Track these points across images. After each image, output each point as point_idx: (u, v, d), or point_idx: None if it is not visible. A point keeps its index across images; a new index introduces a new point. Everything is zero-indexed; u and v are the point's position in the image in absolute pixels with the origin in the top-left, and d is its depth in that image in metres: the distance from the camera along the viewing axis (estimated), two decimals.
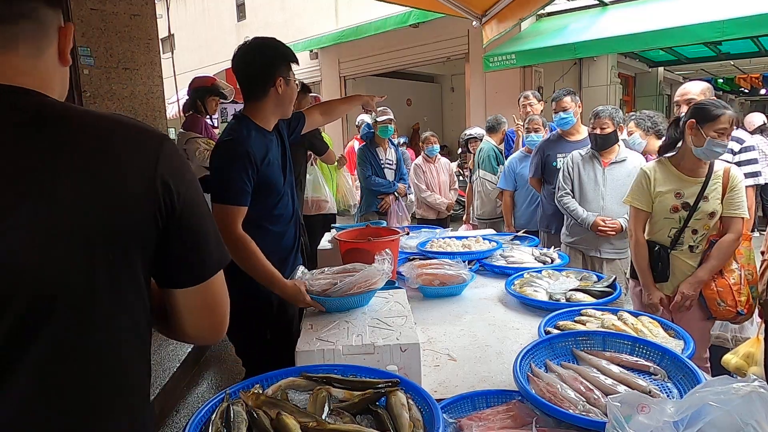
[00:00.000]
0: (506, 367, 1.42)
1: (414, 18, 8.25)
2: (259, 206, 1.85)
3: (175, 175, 0.81)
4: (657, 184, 2.34)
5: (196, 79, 4.77)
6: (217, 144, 1.87)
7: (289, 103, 1.92)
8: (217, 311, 0.90)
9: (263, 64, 1.84)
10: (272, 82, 1.84)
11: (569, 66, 9.64)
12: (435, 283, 2.21)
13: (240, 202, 1.76)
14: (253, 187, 1.79)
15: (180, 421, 2.78)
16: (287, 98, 1.89)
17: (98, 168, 0.74)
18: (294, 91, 1.92)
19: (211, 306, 0.89)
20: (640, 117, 3.66)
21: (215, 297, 0.89)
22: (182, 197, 0.81)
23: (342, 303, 1.65)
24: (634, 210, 2.42)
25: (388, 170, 4.48)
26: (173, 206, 0.80)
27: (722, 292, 2.26)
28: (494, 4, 4.01)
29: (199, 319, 0.89)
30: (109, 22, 4.67)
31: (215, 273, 0.87)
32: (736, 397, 0.88)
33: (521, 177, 3.92)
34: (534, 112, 4.27)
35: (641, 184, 2.39)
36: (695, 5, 6.14)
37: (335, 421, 1.09)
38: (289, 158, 2.04)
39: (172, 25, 7.50)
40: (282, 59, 1.86)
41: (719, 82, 15.04)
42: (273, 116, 1.93)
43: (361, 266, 1.77)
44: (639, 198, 2.39)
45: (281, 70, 1.84)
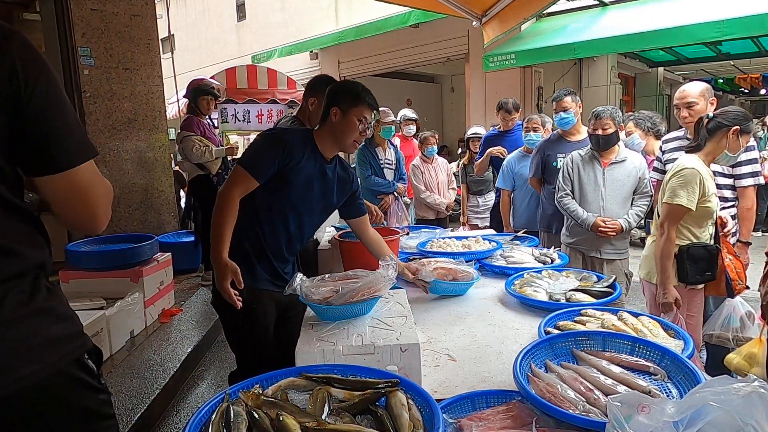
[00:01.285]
0: (506, 368, 1.42)
1: (414, 18, 8.24)
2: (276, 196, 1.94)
3: (26, 66, 0.84)
4: (708, 184, 2.33)
5: (190, 82, 4.83)
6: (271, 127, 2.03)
7: (342, 135, 1.97)
8: (87, 203, 0.95)
9: (329, 92, 2.01)
10: (329, 109, 1.96)
11: (569, 66, 9.64)
12: (448, 278, 2.21)
13: (254, 172, 1.86)
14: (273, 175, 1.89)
15: (180, 421, 2.78)
16: (339, 129, 1.96)
17: None
18: (350, 127, 1.95)
19: (78, 197, 0.94)
20: (639, 117, 3.66)
21: (80, 188, 0.93)
22: (30, 87, 0.84)
23: (344, 311, 1.61)
24: (678, 208, 2.32)
25: (388, 170, 4.47)
26: (19, 95, 0.83)
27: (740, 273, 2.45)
28: (494, 4, 4.00)
29: (67, 208, 0.95)
30: (109, 23, 4.68)
31: (72, 166, 0.91)
32: (736, 397, 0.88)
33: (520, 177, 3.92)
34: (512, 120, 4.40)
35: (693, 183, 2.29)
36: (695, 5, 6.14)
37: (335, 421, 1.09)
38: (325, 192, 2.07)
39: (172, 25, 7.50)
40: (348, 93, 1.97)
41: (719, 82, 15.03)
42: (327, 142, 1.99)
43: (363, 273, 1.75)
44: (690, 197, 2.29)
45: (342, 102, 1.95)
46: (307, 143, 1.96)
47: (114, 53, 4.73)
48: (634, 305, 4.35)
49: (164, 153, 5.20)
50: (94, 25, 4.57)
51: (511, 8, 3.92)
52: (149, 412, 2.62)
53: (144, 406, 2.61)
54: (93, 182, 0.96)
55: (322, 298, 1.63)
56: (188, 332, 3.59)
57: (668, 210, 2.37)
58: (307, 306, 1.69)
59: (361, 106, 1.95)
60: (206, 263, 4.55)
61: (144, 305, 3.50)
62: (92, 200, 0.96)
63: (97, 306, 3.12)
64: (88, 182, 0.95)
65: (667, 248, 2.36)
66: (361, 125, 1.95)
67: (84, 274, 3.36)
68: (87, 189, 0.95)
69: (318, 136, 2.00)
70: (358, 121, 1.94)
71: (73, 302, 1.12)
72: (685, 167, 2.33)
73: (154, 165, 5.11)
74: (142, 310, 3.48)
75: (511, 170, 3.98)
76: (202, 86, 4.70)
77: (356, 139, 1.97)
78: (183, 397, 3.05)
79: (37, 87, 0.86)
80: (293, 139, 1.92)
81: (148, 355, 3.18)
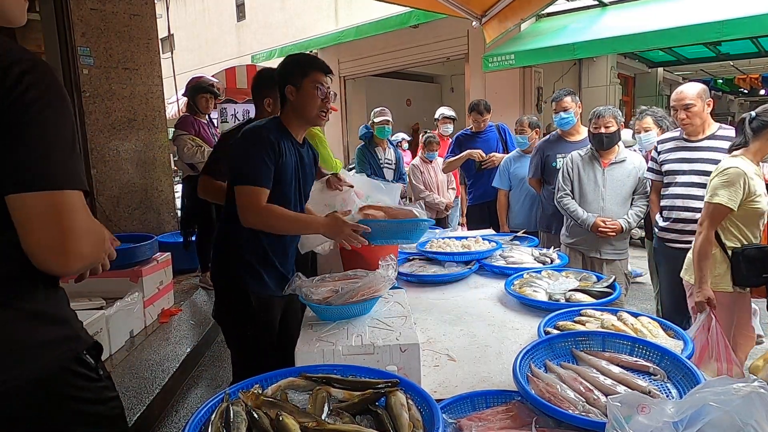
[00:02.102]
0: (506, 368, 1.42)
1: (414, 19, 8.25)
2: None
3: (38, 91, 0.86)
4: (755, 183, 2.29)
5: (190, 80, 4.77)
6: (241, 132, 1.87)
7: (304, 109, 1.91)
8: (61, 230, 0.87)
9: (278, 75, 1.95)
10: (283, 91, 1.91)
11: (569, 66, 9.64)
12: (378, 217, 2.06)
13: (262, 183, 1.79)
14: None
15: (180, 421, 2.78)
16: (300, 105, 1.91)
17: None
18: (310, 97, 1.90)
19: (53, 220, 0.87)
20: (658, 115, 3.62)
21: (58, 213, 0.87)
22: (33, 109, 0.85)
23: (344, 311, 1.61)
24: (718, 207, 2.30)
25: (387, 170, 4.48)
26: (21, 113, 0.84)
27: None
28: (494, 4, 4.00)
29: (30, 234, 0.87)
30: (109, 22, 4.67)
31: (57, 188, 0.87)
32: (736, 397, 0.88)
33: (516, 176, 3.92)
34: (484, 121, 4.36)
35: (737, 183, 2.27)
36: (695, 5, 6.14)
37: (335, 421, 1.09)
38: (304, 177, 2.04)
39: (172, 25, 7.50)
40: (295, 66, 1.91)
41: (719, 82, 15.05)
42: (294, 123, 1.95)
43: (363, 273, 1.75)
44: (732, 196, 2.27)
45: (292, 76, 1.89)
46: (282, 132, 1.91)
47: (114, 53, 4.73)
48: (634, 305, 4.36)
49: (164, 153, 5.20)
50: (94, 24, 4.57)
51: (510, 8, 3.92)
52: (149, 412, 2.62)
53: (143, 406, 2.60)
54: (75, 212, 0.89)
55: (322, 298, 1.63)
56: (188, 332, 3.59)
57: (708, 209, 2.35)
58: (307, 306, 1.69)
59: (313, 73, 1.88)
60: (203, 265, 4.53)
61: (143, 305, 3.50)
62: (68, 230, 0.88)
63: (97, 306, 3.12)
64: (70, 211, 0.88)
65: (704, 248, 2.35)
66: (320, 92, 1.89)
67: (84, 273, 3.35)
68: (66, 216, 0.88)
69: (285, 120, 1.94)
70: (315, 89, 1.88)
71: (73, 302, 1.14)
72: (729, 167, 2.30)
73: (154, 165, 5.10)
74: (141, 310, 3.48)
75: (507, 170, 3.97)
76: (200, 84, 4.63)
77: (321, 107, 1.91)
78: (182, 397, 3.05)
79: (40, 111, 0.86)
80: (273, 135, 1.84)
81: (148, 355, 3.18)
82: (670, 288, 2.98)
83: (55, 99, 0.89)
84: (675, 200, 2.80)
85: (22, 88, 0.85)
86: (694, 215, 2.73)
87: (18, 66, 0.86)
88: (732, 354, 2.18)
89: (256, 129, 1.85)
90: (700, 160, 2.72)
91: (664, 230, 2.87)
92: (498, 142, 4.39)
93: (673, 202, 2.81)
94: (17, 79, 0.85)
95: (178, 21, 13.85)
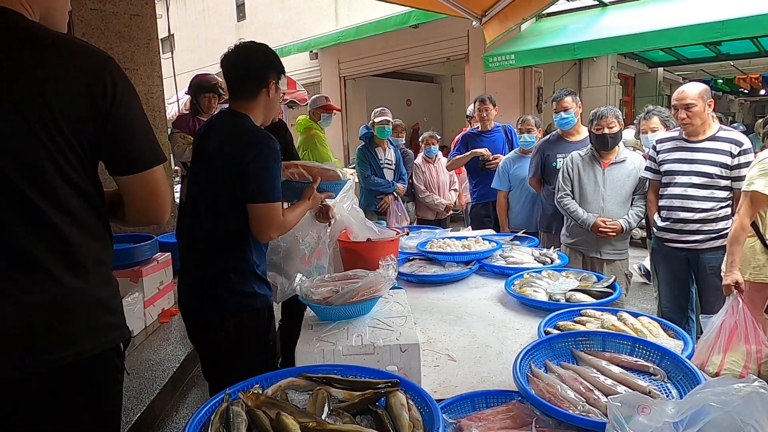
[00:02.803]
0: (506, 368, 1.42)
1: (414, 18, 8.24)
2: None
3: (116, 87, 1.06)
4: None
5: (193, 78, 4.71)
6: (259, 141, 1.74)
7: (273, 110, 1.93)
8: (158, 199, 1.18)
9: (262, 64, 1.84)
10: (266, 84, 1.84)
11: (569, 66, 9.64)
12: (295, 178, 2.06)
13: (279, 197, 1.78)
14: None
15: (180, 421, 2.78)
16: (273, 105, 1.91)
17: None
18: (277, 102, 1.93)
19: (152, 193, 1.16)
20: (665, 116, 3.62)
21: (153, 186, 1.16)
22: (118, 104, 1.05)
23: (344, 311, 1.61)
24: (757, 196, 2.38)
25: (388, 170, 4.48)
26: (110, 109, 1.05)
27: None
28: (494, 4, 4.01)
29: (142, 203, 1.17)
30: (109, 22, 4.67)
31: (149, 168, 1.14)
32: (736, 397, 0.88)
33: (515, 177, 3.91)
34: (489, 118, 4.28)
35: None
36: (695, 5, 6.14)
37: (335, 421, 1.09)
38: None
39: (172, 25, 7.48)
40: (277, 66, 1.89)
41: (719, 82, 15.05)
42: (260, 120, 1.90)
43: (363, 273, 1.75)
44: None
45: (274, 75, 1.87)
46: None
47: (114, 53, 4.71)
48: (634, 305, 4.36)
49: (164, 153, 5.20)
50: (94, 25, 4.57)
51: (511, 8, 3.92)
52: (149, 412, 2.62)
53: (144, 406, 2.60)
54: (163, 182, 1.18)
55: (322, 298, 1.63)
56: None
57: (744, 197, 2.44)
58: (307, 306, 1.69)
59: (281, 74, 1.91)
60: None
61: (144, 305, 3.50)
62: (162, 196, 1.19)
63: None
64: (160, 182, 1.17)
65: (737, 233, 2.43)
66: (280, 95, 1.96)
67: None
68: (159, 187, 1.17)
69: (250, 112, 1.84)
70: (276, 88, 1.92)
71: None
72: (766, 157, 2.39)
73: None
74: (141, 310, 3.48)
75: (507, 171, 3.97)
76: (203, 83, 4.57)
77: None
78: (183, 397, 3.05)
79: (123, 104, 1.07)
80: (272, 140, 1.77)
81: (148, 355, 3.18)
82: (669, 288, 2.98)
83: (133, 94, 1.12)
84: (674, 200, 2.80)
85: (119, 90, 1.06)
86: (694, 215, 2.73)
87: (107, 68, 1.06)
88: (762, 335, 2.17)
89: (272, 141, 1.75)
90: (701, 161, 2.72)
91: (663, 230, 2.87)
92: (504, 143, 4.34)
93: (671, 203, 2.81)
94: (113, 82, 1.05)
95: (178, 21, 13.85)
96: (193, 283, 1.83)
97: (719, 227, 2.72)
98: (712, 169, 2.69)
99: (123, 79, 1.09)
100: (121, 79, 1.08)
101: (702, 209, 2.72)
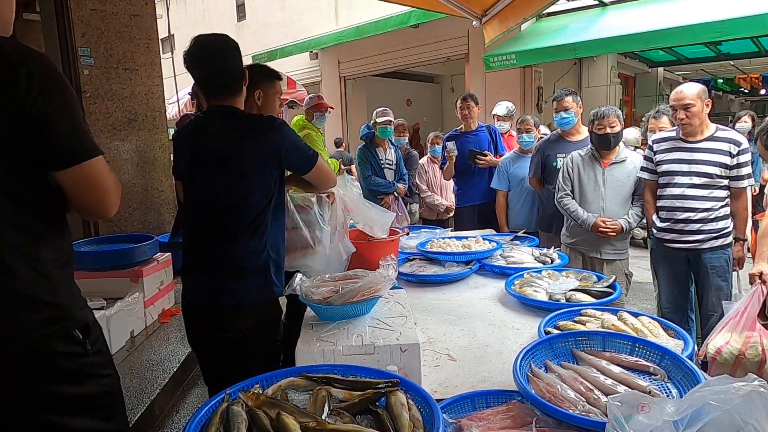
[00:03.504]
0: (506, 367, 1.42)
1: (414, 18, 8.25)
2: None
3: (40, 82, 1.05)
4: None
5: None
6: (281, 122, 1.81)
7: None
8: (97, 192, 1.16)
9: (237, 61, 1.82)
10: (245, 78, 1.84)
11: (569, 66, 9.65)
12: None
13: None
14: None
15: (180, 421, 2.78)
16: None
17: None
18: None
19: (89, 187, 1.15)
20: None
21: (91, 180, 1.14)
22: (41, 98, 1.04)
23: (344, 311, 1.61)
24: None
25: (388, 170, 4.47)
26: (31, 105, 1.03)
27: None
28: (494, 4, 4.00)
29: (81, 197, 1.16)
30: (109, 23, 4.67)
31: (81, 161, 1.11)
32: (735, 396, 0.88)
33: (515, 177, 3.90)
34: (472, 116, 4.20)
35: None
36: (695, 5, 6.14)
37: (335, 421, 1.09)
38: None
39: (172, 25, 7.49)
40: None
41: (719, 82, 15.06)
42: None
43: (363, 272, 1.75)
44: None
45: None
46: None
47: (114, 53, 4.72)
48: (634, 305, 4.36)
49: (164, 153, 5.20)
50: (94, 25, 4.57)
51: (511, 8, 3.92)
52: (149, 412, 2.62)
53: (144, 406, 2.61)
54: (101, 175, 1.16)
55: (322, 298, 1.63)
56: None
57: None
58: (308, 306, 1.69)
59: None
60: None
61: (144, 305, 3.50)
62: (101, 190, 1.16)
63: (97, 306, 3.12)
64: (97, 175, 1.15)
65: (765, 226, 2.42)
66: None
67: (84, 274, 3.35)
68: (96, 181, 1.15)
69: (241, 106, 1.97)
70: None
71: None
72: None
73: (154, 165, 5.10)
74: (142, 310, 3.48)
75: (506, 171, 3.96)
76: None
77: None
78: (183, 397, 3.05)
79: (38, 101, 1.05)
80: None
81: (148, 355, 3.18)
82: (669, 288, 2.98)
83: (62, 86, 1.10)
84: (674, 201, 2.79)
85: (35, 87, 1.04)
86: (694, 215, 2.73)
87: (24, 67, 1.04)
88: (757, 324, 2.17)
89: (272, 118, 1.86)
90: (700, 161, 2.72)
91: (663, 231, 2.86)
92: (489, 143, 4.26)
93: (671, 203, 2.80)
94: (28, 80, 1.03)
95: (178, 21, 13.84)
96: (202, 282, 1.81)
97: (719, 227, 2.72)
98: (712, 169, 2.69)
99: (44, 75, 1.07)
100: (40, 75, 1.06)
101: (702, 209, 2.71)
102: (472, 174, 4.20)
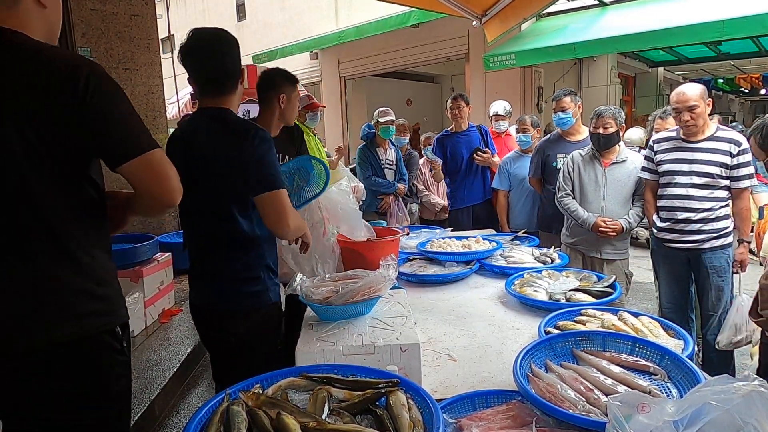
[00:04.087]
0: (506, 367, 1.42)
1: (414, 18, 8.24)
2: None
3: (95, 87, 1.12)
4: None
5: None
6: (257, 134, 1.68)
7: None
8: (162, 180, 1.21)
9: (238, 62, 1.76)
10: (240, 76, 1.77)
11: (569, 66, 9.64)
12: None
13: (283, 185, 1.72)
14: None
15: (180, 421, 2.78)
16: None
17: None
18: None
19: (154, 175, 1.20)
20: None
21: (154, 169, 1.20)
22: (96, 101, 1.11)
23: (344, 311, 1.61)
24: None
25: (388, 170, 4.47)
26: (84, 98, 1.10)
27: None
28: (494, 4, 4.00)
29: (149, 186, 1.21)
30: (110, 23, 4.67)
31: (143, 152, 1.17)
32: (736, 396, 0.88)
33: (515, 177, 3.90)
34: (462, 116, 4.14)
35: None
36: (695, 5, 6.14)
37: (335, 421, 1.09)
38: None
39: (172, 25, 7.48)
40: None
41: (719, 82, 15.06)
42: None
43: (363, 272, 1.75)
44: None
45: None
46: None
47: (114, 53, 4.73)
48: (634, 305, 4.36)
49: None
50: (94, 25, 4.57)
51: (511, 8, 3.92)
52: (149, 412, 2.62)
53: (144, 406, 2.61)
54: (164, 163, 1.22)
55: (322, 298, 1.63)
56: (188, 332, 3.59)
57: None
58: (308, 306, 1.69)
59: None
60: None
61: (144, 305, 3.50)
62: (166, 176, 1.22)
63: None
64: (160, 164, 1.21)
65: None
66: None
67: None
68: (161, 169, 1.21)
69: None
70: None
71: None
72: None
73: None
74: (142, 310, 3.48)
75: (507, 170, 3.96)
76: None
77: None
78: (183, 397, 3.05)
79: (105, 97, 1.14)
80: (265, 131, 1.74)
81: (148, 355, 3.18)
82: (669, 288, 2.98)
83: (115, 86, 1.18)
84: (674, 201, 2.79)
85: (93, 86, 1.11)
86: (695, 215, 2.73)
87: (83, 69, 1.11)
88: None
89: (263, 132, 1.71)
90: (701, 161, 2.72)
91: (663, 231, 2.86)
92: (481, 144, 4.20)
93: (672, 203, 2.80)
94: (87, 80, 1.10)
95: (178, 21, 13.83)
96: (201, 284, 1.82)
97: (719, 227, 2.72)
98: (713, 169, 2.68)
99: (100, 76, 1.14)
100: (97, 76, 1.13)
101: (703, 209, 2.71)
102: (463, 175, 4.18)
